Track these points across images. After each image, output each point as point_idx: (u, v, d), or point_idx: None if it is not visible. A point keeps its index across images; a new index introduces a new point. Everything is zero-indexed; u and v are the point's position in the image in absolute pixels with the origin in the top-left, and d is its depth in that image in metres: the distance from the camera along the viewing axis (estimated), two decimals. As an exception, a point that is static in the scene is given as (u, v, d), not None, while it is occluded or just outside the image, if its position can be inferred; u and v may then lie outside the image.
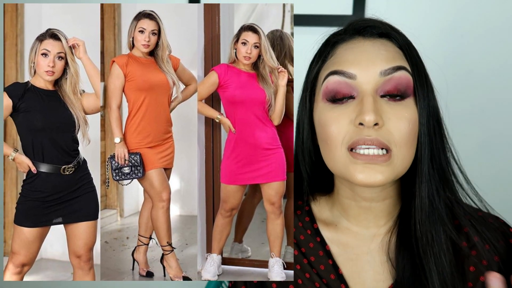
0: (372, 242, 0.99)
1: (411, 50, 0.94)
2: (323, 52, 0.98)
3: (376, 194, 0.96)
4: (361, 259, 0.99)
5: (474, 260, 0.94)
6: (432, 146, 0.92)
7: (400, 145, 0.87)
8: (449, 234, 0.92)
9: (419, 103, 0.90)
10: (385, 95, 0.89)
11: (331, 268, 0.99)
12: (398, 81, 0.89)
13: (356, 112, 0.88)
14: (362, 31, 0.96)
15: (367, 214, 0.99)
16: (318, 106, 0.95)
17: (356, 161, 0.87)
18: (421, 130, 0.90)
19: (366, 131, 0.86)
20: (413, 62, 0.93)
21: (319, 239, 1.02)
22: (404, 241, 0.95)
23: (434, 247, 0.91)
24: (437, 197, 0.93)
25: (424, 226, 0.92)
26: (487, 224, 0.97)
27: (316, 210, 1.07)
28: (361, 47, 0.93)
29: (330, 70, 0.93)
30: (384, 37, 0.95)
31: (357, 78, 0.90)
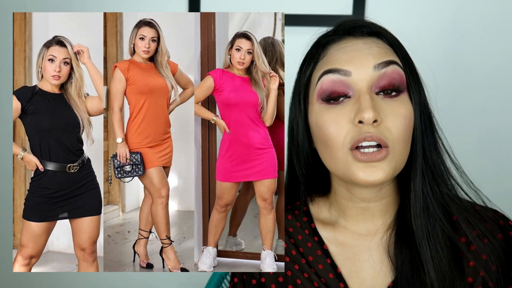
0: (371, 240, 0.95)
1: (400, 47, 0.92)
2: (314, 54, 0.93)
3: (374, 194, 0.92)
4: (360, 258, 0.95)
5: (473, 255, 0.89)
6: (424, 141, 0.89)
7: (397, 142, 0.84)
8: (445, 230, 0.89)
9: (413, 99, 0.88)
10: (380, 91, 0.86)
11: (330, 267, 0.95)
12: (391, 76, 0.86)
13: (354, 111, 0.85)
14: (352, 31, 0.92)
15: (365, 214, 0.95)
16: (313, 108, 0.91)
17: (358, 160, 0.84)
18: (415, 125, 0.88)
19: (365, 128, 0.83)
20: (404, 58, 0.90)
21: (316, 238, 0.98)
22: (402, 237, 0.91)
23: (429, 239, 0.88)
24: (430, 191, 0.90)
25: (419, 219, 0.89)
26: (483, 218, 0.93)
27: (313, 210, 1.03)
28: (354, 46, 0.89)
29: (323, 69, 0.89)
30: (374, 36, 0.92)
31: (352, 75, 0.86)
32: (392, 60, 0.88)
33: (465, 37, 1.82)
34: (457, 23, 1.81)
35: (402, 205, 0.95)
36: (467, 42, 1.82)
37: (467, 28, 1.82)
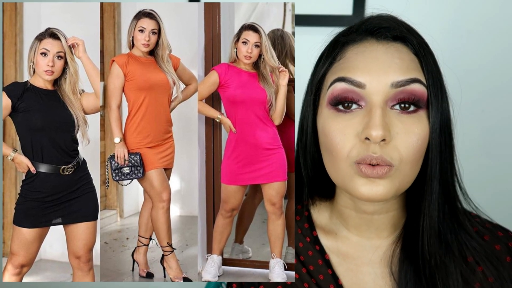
0: (374, 253, 0.97)
1: (427, 56, 0.89)
2: (331, 53, 0.93)
3: (378, 207, 0.94)
4: (362, 270, 0.97)
5: (479, 277, 0.92)
6: (442, 162, 0.89)
7: (405, 162, 0.84)
8: (460, 269, 0.91)
9: (432, 117, 0.86)
10: (396, 104, 0.85)
11: (331, 278, 0.97)
12: (411, 93, 0.84)
13: (362, 125, 0.84)
14: (375, 32, 0.90)
15: (369, 226, 0.97)
16: (322, 112, 0.91)
17: (361, 175, 0.84)
18: (432, 146, 0.87)
19: (372, 147, 0.82)
20: (428, 71, 0.87)
21: (318, 247, 1.00)
22: (408, 257, 0.93)
23: (442, 270, 0.90)
24: (447, 221, 0.92)
25: (433, 248, 0.90)
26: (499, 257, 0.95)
27: (315, 216, 1.05)
28: (373, 53, 0.87)
29: (337, 75, 0.88)
30: (399, 41, 0.90)
31: (366, 88, 0.85)
32: (414, 78, 0.85)
33: (465, 37, 1.86)
34: (457, 23, 1.86)
35: (410, 220, 0.96)
36: (467, 42, 1.87)
37: (467, 28, 1.86)
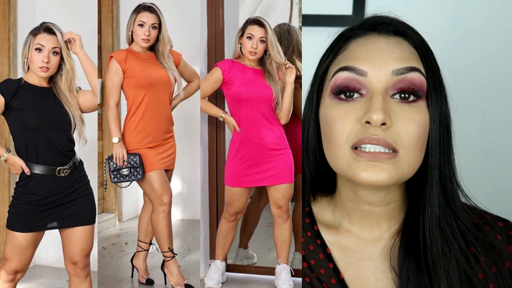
0: (375, 247, 0.99)
1: (426, 51, 0.95)
2: (335, 46, 0.98)
3: (379, 198, 0.95)
4: (363, 264, 0.99)
5: (483, 268, 0.95)
6: (440, 154, 0.92)
7: (408, 148, 0.87)
8: (459, 260, 0.94)
9: (431, 107, 0.91)
10: (396, 93, 0.89)
11: (332, 272, 0.99)
12: (411, 81, 0.89)
13: (363, 110, 0.88)
14: (377, 27, 0.96)
15: (370, 218, 0.99)
16: (324, 102, 0.95)
17: (360, 159, 0.86)
18: (432, 136, 0.91)
19: (372, 130, 0.86)
20: (427, 64, 0.93)
21: (319, 241, 1.02)
22: (409, 250, 0.95)
23: (443, 259, 0.92)
24: (447, 211, 0.94)
25: (434, 236, 0.93)
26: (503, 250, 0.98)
27: (316, 211, 1.06)
28: (375, 44, 0.93)
29: (340, 65, 0.93)
30: (400, 35, 0.96)
31: (368, 76, 0.90)
32: (414, 66, 0.91)
33: (465, 37, 1.90)
34: (457, 23, 1.90)
35: (410, 213, 0.98)
36: (467, 42, 1.91)
37: (467, 28, 1.90)
